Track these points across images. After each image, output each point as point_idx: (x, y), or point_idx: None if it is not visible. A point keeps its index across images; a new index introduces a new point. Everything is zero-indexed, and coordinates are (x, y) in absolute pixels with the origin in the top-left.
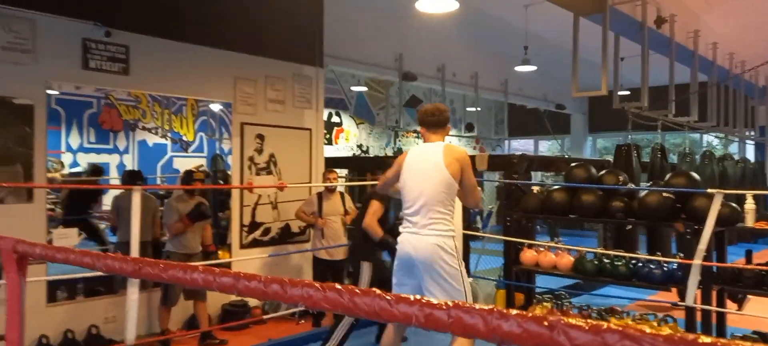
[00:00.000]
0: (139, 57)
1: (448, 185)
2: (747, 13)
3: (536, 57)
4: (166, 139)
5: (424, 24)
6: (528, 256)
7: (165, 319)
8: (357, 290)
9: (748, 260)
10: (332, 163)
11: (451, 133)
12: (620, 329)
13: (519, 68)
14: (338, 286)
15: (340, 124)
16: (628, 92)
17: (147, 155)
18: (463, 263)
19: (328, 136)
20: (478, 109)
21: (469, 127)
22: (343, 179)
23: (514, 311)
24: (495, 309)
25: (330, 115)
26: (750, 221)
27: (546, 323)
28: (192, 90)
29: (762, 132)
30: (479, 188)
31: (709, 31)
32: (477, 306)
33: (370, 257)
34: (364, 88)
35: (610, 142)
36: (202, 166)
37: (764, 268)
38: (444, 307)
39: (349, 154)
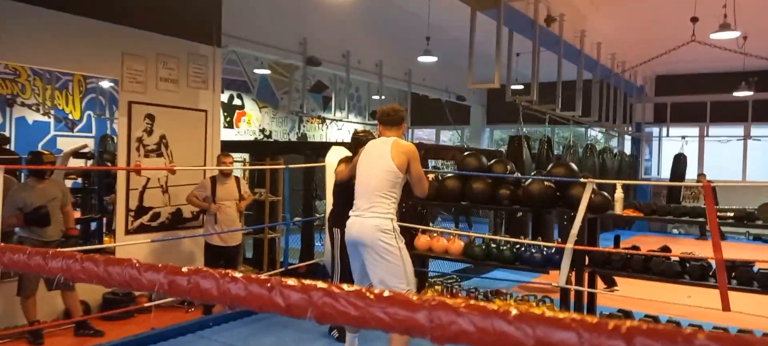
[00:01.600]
0: (11, 25)
1: (393, 174)
2: (628, 16)
3: (438, 48)
4: (49, 117)
5: (329, 9)
6: (421, 241)
7: (30, 311)
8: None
9: (616, 245)
10: (233, 146)
11: (354, 120)
12: (328, 288)
13: (421, 58)
14: (96, 257)
15: (241, 107)
16: (521, 86)
17: (26, 134)
18: (403, 240)
19: (228, 119)
20: (383, 97)
21: (374, 115)
22: (243, 163)
23: (239, 275)
24: (226, 273)
25: (231, 98)
26: (619, 209)
27: (268, 285)
28: (73, 64)
29: (638, 127)
30: (426, 178)
31: (594, 32)
32: (212, 273)
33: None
34: (267, 72)
35: (507, 134)
36: (86, 146)
37: (629, 252)
38: (185, 272)
39: (251, 138)
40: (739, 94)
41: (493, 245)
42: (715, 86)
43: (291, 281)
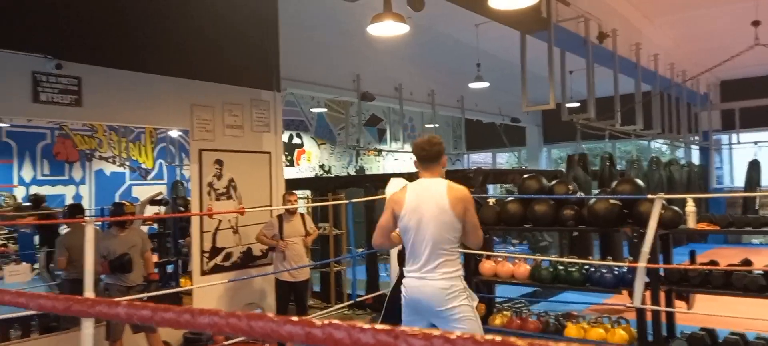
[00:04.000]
0: (92, 88)
1: (453, 226)
2: (685, 26)
3: (489, 73)
4: (124, 168)
5: (380, 45)
6: (487, 267)
7: None
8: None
9: (692, 261)
10: (294, 184)
11: (409, 150)
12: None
13: (473, 85)
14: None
15: (301, 146)
16: (577, 104)
17: (104, 185)
18: (473, 297)
19: (289, 157)
20: (436, 125)
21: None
22: (307, 200)
23: (367, 326)
24: (355, 325)
25: (291, 137)
26: (691, 223)
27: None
28: (147, 119)
29: (705, 137)
30: (481, 229)
31: (649, 44)
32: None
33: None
34: (323, 109)
35: (564, 152)
36: (161, 193)
37: (707, 267)
38: (318, 325)
39: (311, 174)
40: None
41: (561, 267)
42: None
43: (414, 331)
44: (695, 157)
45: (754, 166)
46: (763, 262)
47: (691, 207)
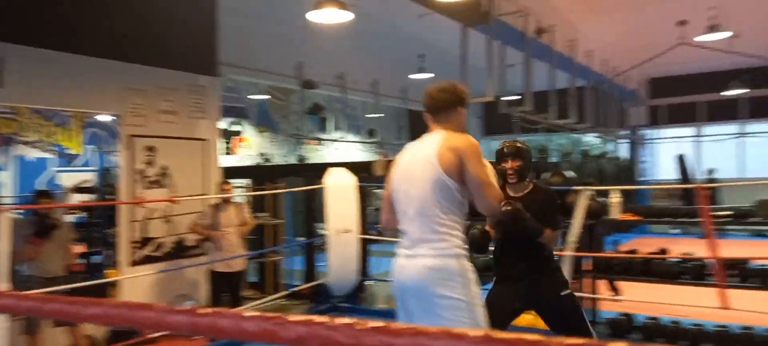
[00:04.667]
0: (15, 68)
1: (443, 185)
2: (618, 24)
3: (432, 65)
4: (49, 154)
5: (323, 33)
6: None
7: None
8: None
9: (616, 250)
10: (233, 173)
11: (352, 139)
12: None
13: (416, 76)
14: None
15: (240, 133)
16: (518, 97)
17: (27, 171)
18: (478, 286)
19: (227, 145)
20: (381, 115)
21: (371, 133)
22: (246, 189)
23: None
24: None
25: (229, 125)
26: (616, 213)
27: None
28: (75, 102)
29: (634, 131)
30: (495, 186)
31: (585, 40)
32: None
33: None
34: (265, 97)
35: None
36: (87, 181)
37: (628, 255)
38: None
39: (251, 163)
40: (731, 92)
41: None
42: (708, 86)
43: (298, 318)
44: (624, 151)
45: (682, 160)
46: (679, 250)
47: (615, 198)
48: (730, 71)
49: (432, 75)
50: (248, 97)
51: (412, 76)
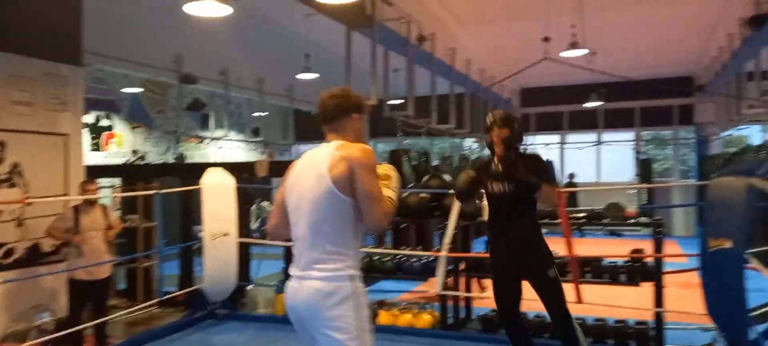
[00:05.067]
0: None
1: (334, 199)
2: (492, 35)
3: (318, 65)
4: None
5: (204, 26)
6: None
7: None
8: None
9: (487, 249)
10: (100, 171)
11: (235, 138)
12: None
13: (301, 76)
14: None
15: (110, 129)
16: (402, 101)
17: None
18: (367, 307)
19: (95, 141)
20: (265, 113)
21: (256, 132)
22: (118, 189)
23: None
24: None
25: (98, 119)
26: (486, 215)
27: None
28: None
29: None
30: (389, 199)
31: (464, 49)
32: None
33: None
34: (139, 90)
35: (390, 147)
36: None
37: None
38: None
39: (122, 160)
40: (590, 104)
41: (376, 257)
42: (571, 98)
43: None
44: None
45: (549, 165)
46: None
47: (486, 201)
48: (590, 85)
49: (317, 75)
50: (121, 90)
51: (299, 76)
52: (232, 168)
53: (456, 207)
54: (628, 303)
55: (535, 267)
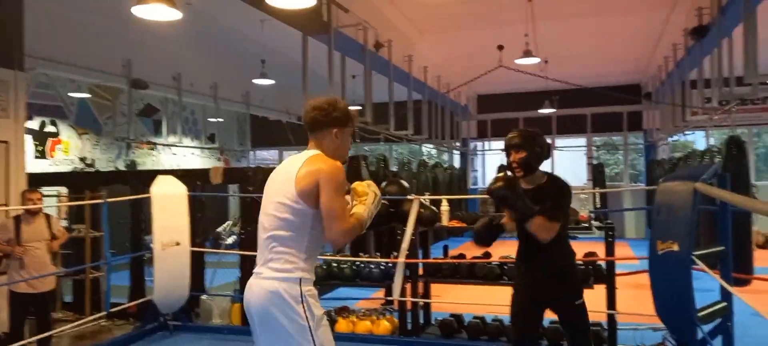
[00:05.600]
0: None
1: (293, 205)
2: (448, 43)
3: (275, 71)
4: None
5: (155, 29)
6: None
7: None
8: None
9: (445, 255)
10: (45, 179)
11: (189, 144)
12: None
13: (257, 81)
14: None
15: (56, 135)
16: (359, 108)
17: None
18: (321, 311)
19: (40, 148)
20: (220, 120)
21: (211, 138)
22: (64, 198)
23: None
24: None
25: (43, 125)
26: (445, 221)
27: None
28: None
29: (464, 143)
30: (356, 217)
31: (421, 57)
32: None
33: None
34: (86, 95)
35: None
36: None
37: (456, 260)
38: None
39: (70, 168)
40: (544, 111)
41: (334, 264)
42: (526, 104)
43: None
44: (457, 161)
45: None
46: (499, 253)
47: (445, 206)
48: (543, 92)
49: (273, 81)
50: (68, 95)
51: (255, 81)
52: (186, 175)
53: (413, 213)
54: None
55: (563, 295)
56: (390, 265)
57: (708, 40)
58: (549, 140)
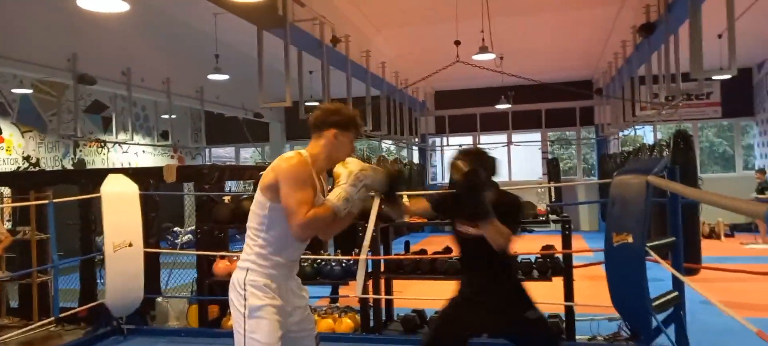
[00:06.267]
0: None
1: (258, 201)
2: (406, 39)
3: (229, 66)
4: None
5: (102, 22)
6: (221, 267)
7: None
8: None
9: (406, 250)
10: None
11: (142, 142)
12: None
13: (211, 76)
14: None
15: None
16: (317, 103)
17: None
18: (262, 301)
19: None
20: (173, 116)
21: (164, 136)
22: (7, 199)
23: None
24: None
25: None
26: (406, 217)
27: None
28: None
29: (423, 139)
30: (321, 207)
31: (378, 52)
32: None
33: None
34: (29, 91)
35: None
36: None
37: (418, 256)
38: None
39: (12, 167)
40: (500, 106)
41: None
42: (482, 100)
43: None
44: (415, 157)
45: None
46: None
47: (405, 201)
48: (500, 88)
49: (228, 76)
50: (11, 91)
51: (210, 77)
52: (138, 174)
53: (374, 210)
54: (540, 298)
55: (512, 318)
56: (351, 262)
57: (655, 37)
58: (505, 136)
